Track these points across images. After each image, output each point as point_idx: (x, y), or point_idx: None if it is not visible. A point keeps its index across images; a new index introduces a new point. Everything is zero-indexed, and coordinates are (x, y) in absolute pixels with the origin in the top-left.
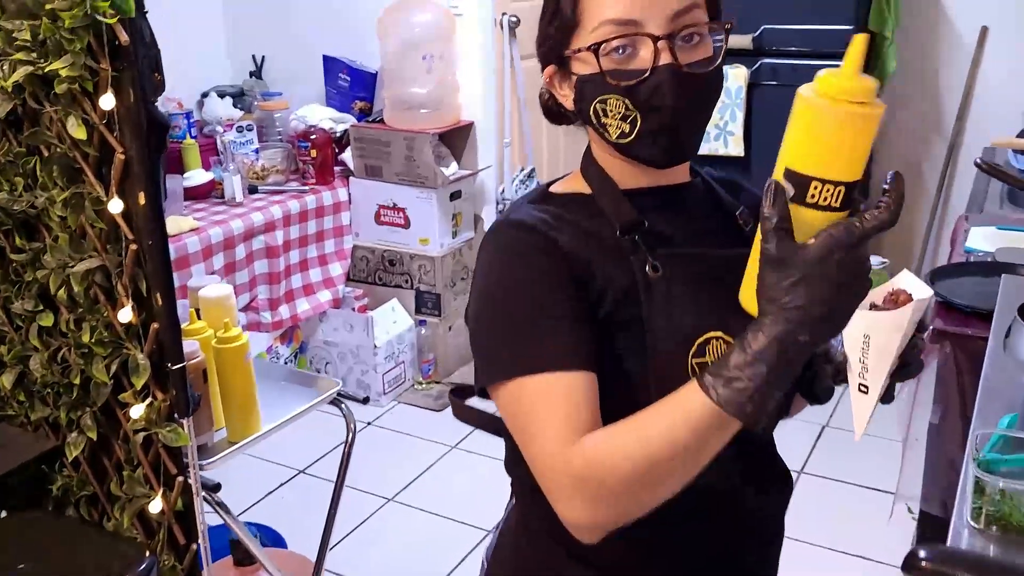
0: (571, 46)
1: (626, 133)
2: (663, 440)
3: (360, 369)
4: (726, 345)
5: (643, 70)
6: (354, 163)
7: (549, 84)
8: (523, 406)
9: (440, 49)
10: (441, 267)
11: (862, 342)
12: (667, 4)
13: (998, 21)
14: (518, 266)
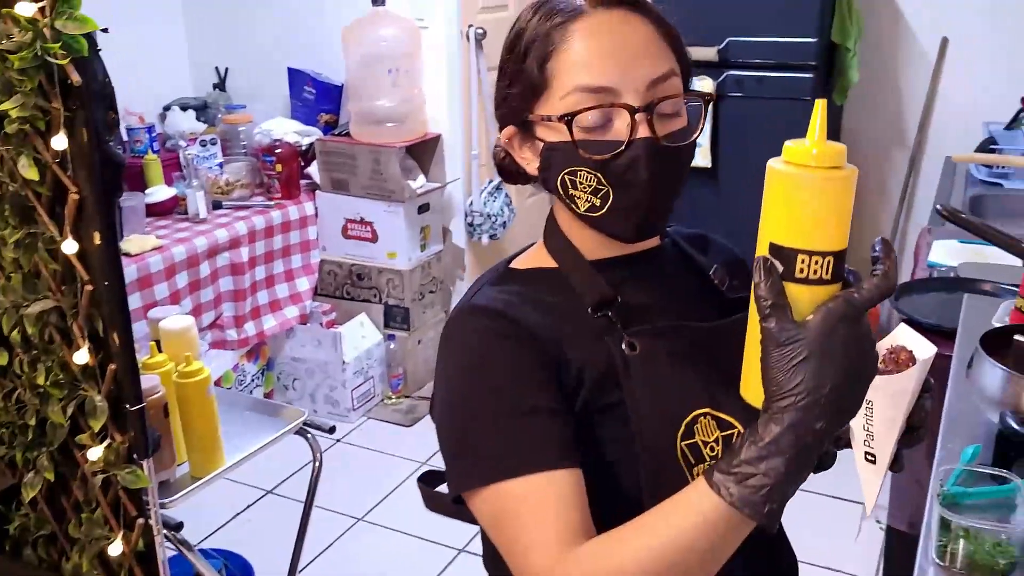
0: (536, 110)
1: (596, 207)
2: (674, 547)
3: (329, 385)
4: (716, 422)
5: (618, 142)
6: (320, 177)
7: (507, 145)
8: (505, 514)
9: (406, 62)
10: (410, 281)
11: (865, 408)
12: (644, 72)
13: (958, 33)
14: (484, 358)
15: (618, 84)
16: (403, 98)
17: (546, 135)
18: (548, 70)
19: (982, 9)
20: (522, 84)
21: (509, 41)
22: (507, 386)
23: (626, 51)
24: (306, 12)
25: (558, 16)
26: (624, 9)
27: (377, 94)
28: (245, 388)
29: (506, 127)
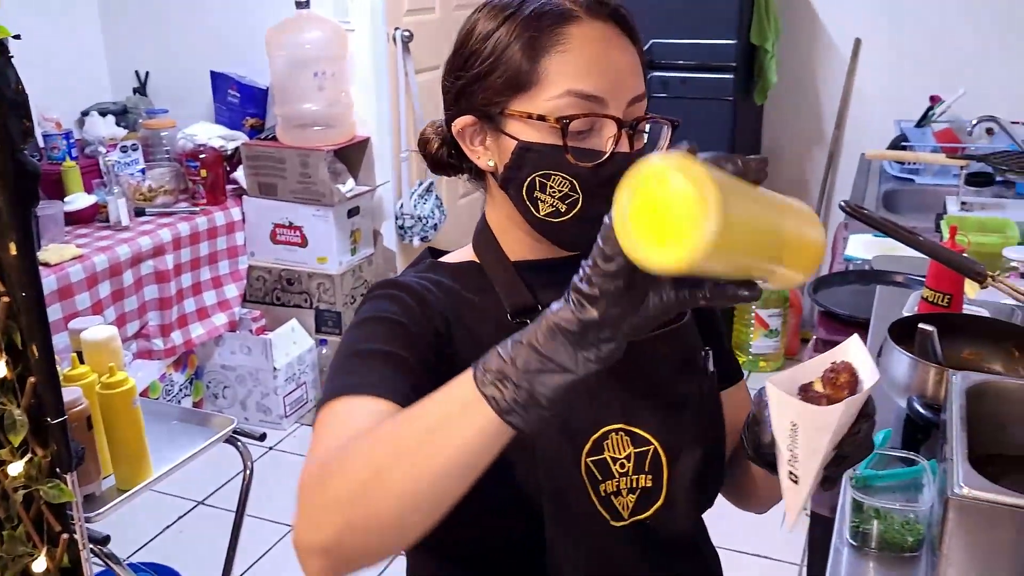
0: (515, 106)
1: (560, 213)
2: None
3: (260, 392)
4: (630, 438)
5: (602, 152)
6: (247, 182)
7: (459, 135)
8: (317, 428)
9: (332, 65)
10: (340, 285)
11: (790, 429)
12: (629, 88)
13: (870, 33)
14: (376, 308)
15: (607, 96)
16: (330, 101)
17: (521, 132)
18: (540, 68)
19: (892, 11)
20: (503, 76)
21: (472, 34)
22: (384, 329)
23: (616, 65)
24: (228, 14)
25: (548, 17)
26: (613, 24)
27: (303, 97)
28: (173, 398)
29: (461, 116)
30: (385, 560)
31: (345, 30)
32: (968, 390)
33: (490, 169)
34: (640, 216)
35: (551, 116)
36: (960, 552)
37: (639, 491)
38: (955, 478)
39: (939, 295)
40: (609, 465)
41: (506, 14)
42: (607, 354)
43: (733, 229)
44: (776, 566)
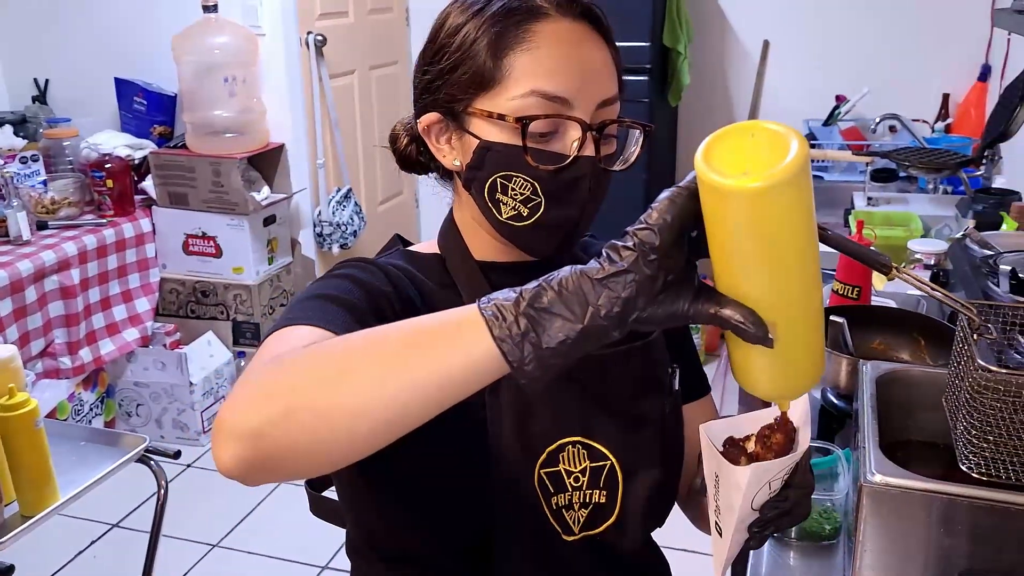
0: (478, 104)
1: (522, 217)
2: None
3: (176, 408)
4: (587, 452)
5: (564, 156)
6: (156, 191)
7: (424, 132)
8: (260, 350)
9: (243, 70)
10: (258, 295)
11: (715, 479)
12: (597, 90)
13: (778, 35)
14: (341, 270)
15: (574, 97)
16: (242, 107)
17: (484, 131)
18: (505, 65)
19: (799, 13)
20: (468, 72)
21: (443, 27)
22: (345, 286)
23: (585, 66)
24: (132, 19)
25: (517, 13)
26: (585, 23)
27: (214, 104)
28: (83, 418)
29: (428, 113)
30: (303, 476)
31: (255, 35)
32: (878, 379)
33: (455, 168)
34: (725, 152)
35: (512, 116)
36: (875, 537)
37: (592, 506)
38: (867, 466)
39: (849, 287)
40: (563, 478)
41: (475, 9)
42: (617, 317)
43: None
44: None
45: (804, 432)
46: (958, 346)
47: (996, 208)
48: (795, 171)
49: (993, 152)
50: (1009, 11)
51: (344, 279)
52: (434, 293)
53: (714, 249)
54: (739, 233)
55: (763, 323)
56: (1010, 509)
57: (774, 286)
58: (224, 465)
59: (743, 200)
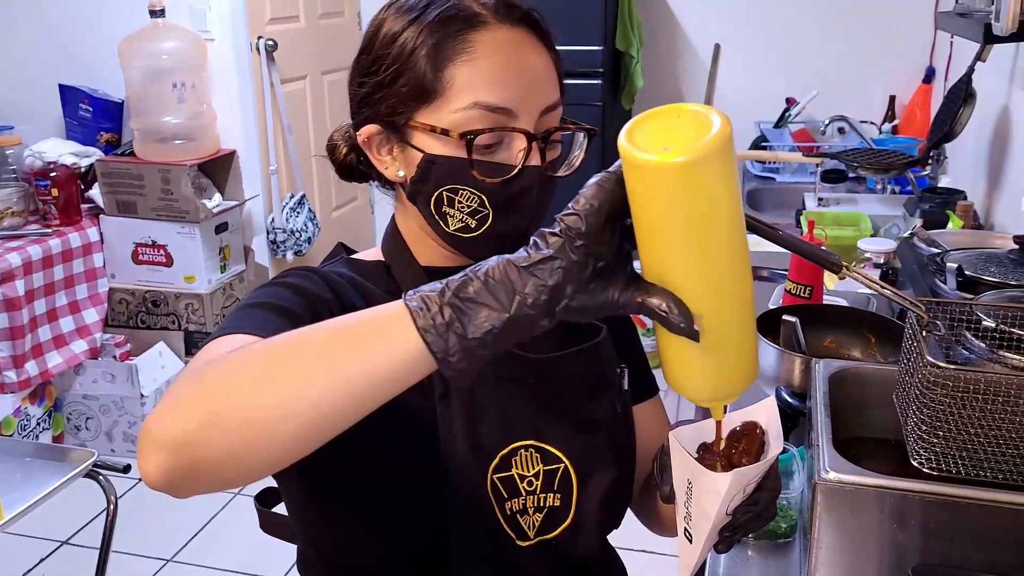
0: (419, 117)
1: (470, 228)
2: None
3: (127, 421)
4: (540, 455)
5: (510, 167)
6: (104, 200)
7: (364, 144)
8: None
9: (192, 76)
10: (211, 304)
11: (686, 486)
12: (540, 98)
13: (729, 39)
14: (283, 278)
15: (516, 107)
16: (191, 113)
17: (427, 145)
18: (445, 78)
19: (748, 18)
20: (407, 85)
21: (378, 36)
22: (286, 294)
23: (527, 74)
24: (77, 24)
25: (455, 22)
26: (525, 29)
27: (162, 110)
28: (29, 433)
29: (367, 125)
30: (233, 484)
31: (204, 39)
32: (831, 377)
33: (398, 180)
34: (650, 132)
35: (455, 130)
36: (830, 534)
37: (546, 510)
38: (821, 463)
39: (801, 287)
40: (516, 482)
41: (411, 17)
42: (544, 305)
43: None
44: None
45: (774, 433)
46: (907, 343)
47: (942, 207)
48: (716, 147)
49: (939, 152)
50: (951, 14)
51: (282, 287)
52: (379, 299)
53: (640, 234)
54: (662, 213)
55: (688, 312)
56: (960, 503)
57: (699, 272)
58: (149, 477)
59: (664, 175)
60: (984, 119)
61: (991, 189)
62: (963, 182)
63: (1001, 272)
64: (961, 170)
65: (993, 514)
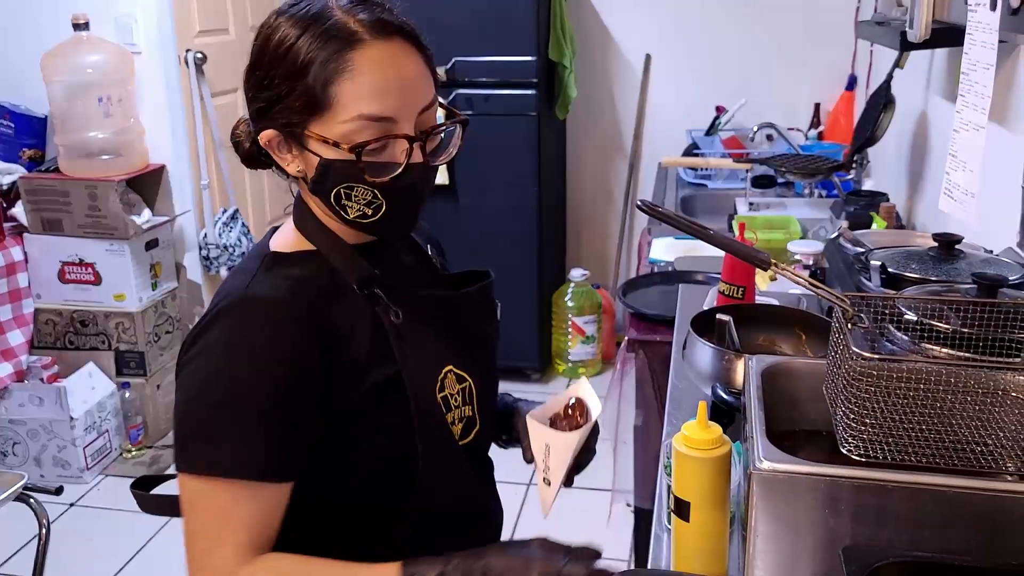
0: (312, 127)
1: (367, 216)
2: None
3: (56, 445)
4: (455, 377)
5: (396, 165)
6: (28, 218)
7: (266, 146)
8: (211, 506)
9: (118, 90)
10: (142, 323)
11: (544, 450)
12: (417, 101)
13: (659, 49)
14: (259, 349)
15: (397, 114)
16: (118, 128)
17: (321, 151)
18: (331, 94)
19: (677, 29)
20: (299, 100)
21: (268, 51)
22: (268, 386)
23: (403, 82)
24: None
25: (335, 41)
26: (399, 39)
27: (88, 125)
28: None
29: (267, 131)
30: None
31: (131, 53)
32: (763, 372)
33: (300, 175)
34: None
35: (344, 142)
36: (766, 522)
37: (464, 420)
38: (756, 453)
39: (734, 288)
40: (449, 400)
41: (296, 34)
42: None
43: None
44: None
45: (594, 399)
46: (835, 336)
47: (867, 209)
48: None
49: (862, 157)
50: (870, 23)
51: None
52: (327, 287)
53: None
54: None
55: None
56: (887, 487)
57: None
58: None
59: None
60: (904, 124)
61: (912, 191)
62: (885, 185)
63: (922, 269)
64: (883, 173)
65: (917, 496)
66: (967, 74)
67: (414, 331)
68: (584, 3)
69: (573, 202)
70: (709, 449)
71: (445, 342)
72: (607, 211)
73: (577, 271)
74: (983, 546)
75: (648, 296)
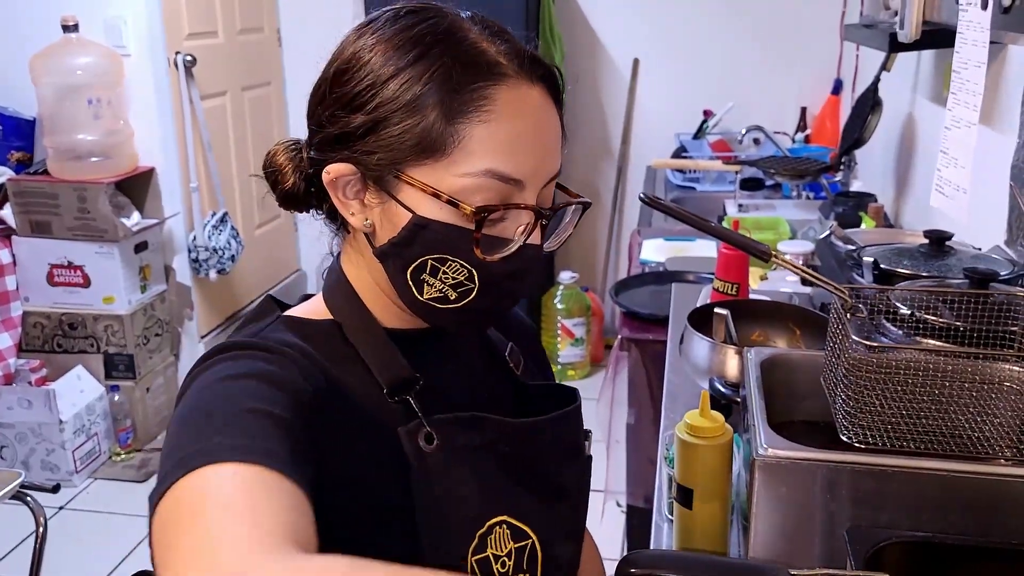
0: (415, 172)
1: (448, 300)
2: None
3: (45, 448)
4: (511, 532)
5: (507, 242)
6: (16, 220)
7: (330, 184)
8: (206, 502)
9: (107, 92)
10: (131, 325)
11: None
12: (549, 168)
13: (647, 54)
14: (240, 366)
15: (528, 178)
16: (107, 130)
17: (419, 205)
18: (456, 134)
19: (665, 33)
20: (407, 135)
21: (363, 64)
22: (254, 388)
23: (542, 142)
24: None
25: (472, 69)
26: (543, 88)
27: (77, 127)
28: None
29: (340, 164)
30: None
31: (120, 55)
32: (762, 363)
33: (364, 228)
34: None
35: (466, 201)
36: (767, 508)
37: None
38: (758, 440)
39: (728, 284)
40: (491, 563)
41: (413, 52)
42: None
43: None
44: None
45: None
46: (833, 327)
47: (855, 209)
48: None
49: (849, 159)
50: (857, 26)
51: (256, 379)
52: (339, 371)
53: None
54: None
55: None
56: (887, 471)
57: None
58: None
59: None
60: (891, 126)
61: (899, 192)
62: (873, 186)
63: (914, 264)
64: (871, 174)
65: (916, 480)
66: (958, 72)
67: (453, 465)
68: (572, 7)
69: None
70: (713, 437)
71: (499, 484)
72: (595, 214)
73: (566, 274)
74: (980, 530)
75: (640, 296)
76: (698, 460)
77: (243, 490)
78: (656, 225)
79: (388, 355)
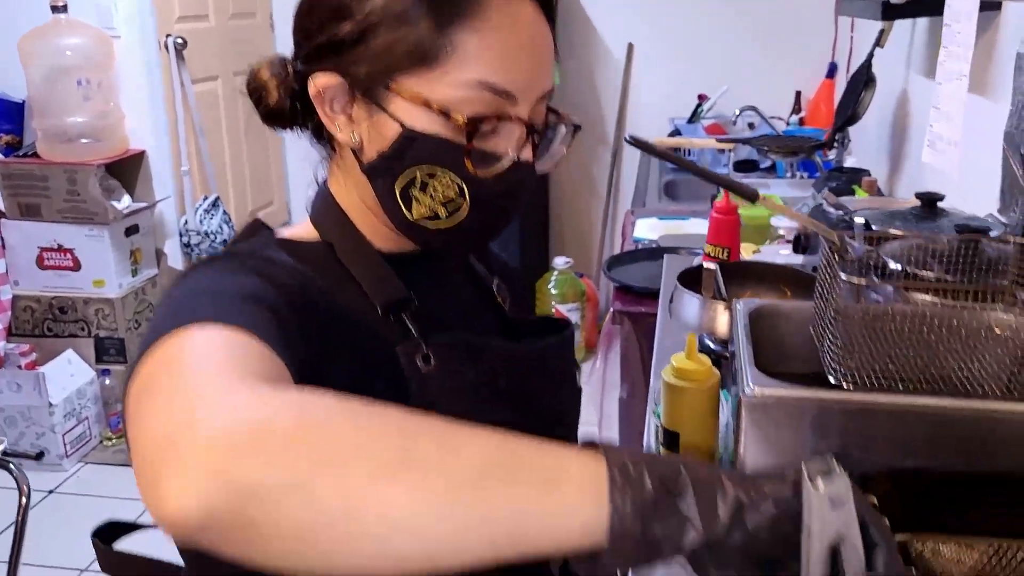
0: (406, 83)
1: (438, 217)
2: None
3: (35, 432)
4: None
5: (504, 159)
6: (5, 203)
7: (316, 96)
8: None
9: (98, 74)
10: (122, 309)
11: None
12: (542, 84)
13: (641, 39)
14: (232, 265)
15: (520, 92)
16: (98, 112)
17: (409, 117)
18: (450, 42)
19: (659, 18)
20: (398, 43)
21: None
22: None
23: (536, 56)
24: None
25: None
26: (537, 4)
27: (67, 109)
28: None
29: (326, 74)
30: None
31: (110, 36)
32: (751, 312)
33: (351, 144)
34: None
35: (457, 112)
36: (754, 449)
37: None
38: (745, 381)
39: (719, 248)
40: None
41: None
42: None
43: None
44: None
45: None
46: (822, 272)
47: (849, 183)
48: None
49: (843, 136)
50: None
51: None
52: (334, 290)
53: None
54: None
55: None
56: (876, 409)
57: None
58: (177, 503)
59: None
60: (885, 102)
61: (893, 168)
62: (867, 162)
63: (906, 225)
64: (865, 151)
65: (905, 418)
66: (949, 25)
67: (450, 388)
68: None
69: (556, 190)
70: (699, 380)
71: (496, 410)
72: (590, 199)
73: (560, 259)
74: (968, 466)
75: (633, 271)
76: (684, 404)
77: (225, 348)
78: (651, 205)
79: (382, 275)
